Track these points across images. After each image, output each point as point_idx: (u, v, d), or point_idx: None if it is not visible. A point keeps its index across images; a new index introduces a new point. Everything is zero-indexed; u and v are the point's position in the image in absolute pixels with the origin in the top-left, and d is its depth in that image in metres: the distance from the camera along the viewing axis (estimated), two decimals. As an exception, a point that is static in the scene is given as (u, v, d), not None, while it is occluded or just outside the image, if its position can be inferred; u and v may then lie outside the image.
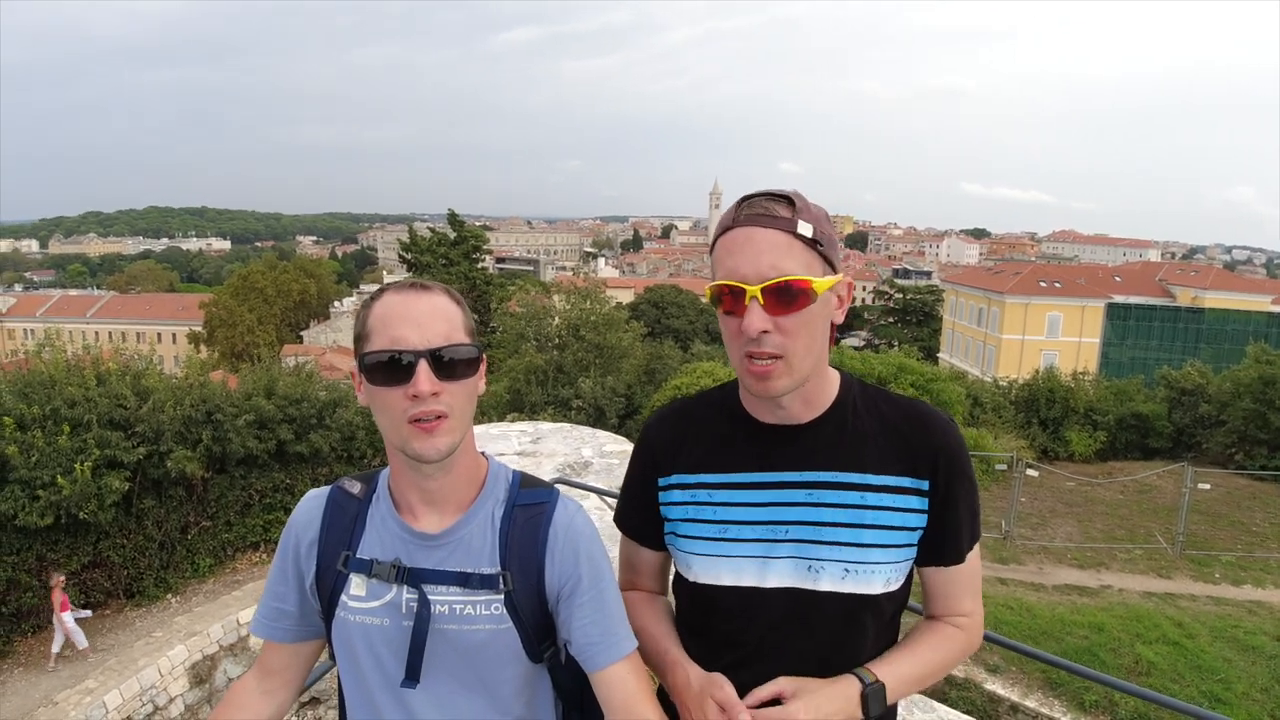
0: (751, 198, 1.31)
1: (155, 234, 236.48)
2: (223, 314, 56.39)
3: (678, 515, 1.46)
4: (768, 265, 1.24)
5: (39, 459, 9.01)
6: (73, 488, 8.93)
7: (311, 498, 1.45)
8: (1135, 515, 16.05)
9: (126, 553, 9.98)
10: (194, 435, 10.34)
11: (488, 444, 7.36)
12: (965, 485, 1.39)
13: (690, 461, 1.46)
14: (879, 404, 1.43)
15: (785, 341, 1.26)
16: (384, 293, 1.30)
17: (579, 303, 23.92)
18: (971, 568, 1.44)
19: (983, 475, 17.61)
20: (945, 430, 1.39)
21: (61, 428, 9.30)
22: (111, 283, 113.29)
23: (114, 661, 7.00)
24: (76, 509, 9.04)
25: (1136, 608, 10.96)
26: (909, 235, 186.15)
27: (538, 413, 19.29)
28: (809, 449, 1.39)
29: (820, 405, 1.40)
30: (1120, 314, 47.60)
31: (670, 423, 1.52)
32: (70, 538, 9.49)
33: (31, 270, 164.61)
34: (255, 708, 1.45)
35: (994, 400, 22.80)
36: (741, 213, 1.30)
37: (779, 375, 1.28)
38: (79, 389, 9.78)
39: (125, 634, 9.54)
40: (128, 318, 77.82)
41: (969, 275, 64.65)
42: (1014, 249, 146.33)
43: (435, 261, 37.13)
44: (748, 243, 1.26)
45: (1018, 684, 8.56)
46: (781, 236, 1.26)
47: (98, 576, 9.86)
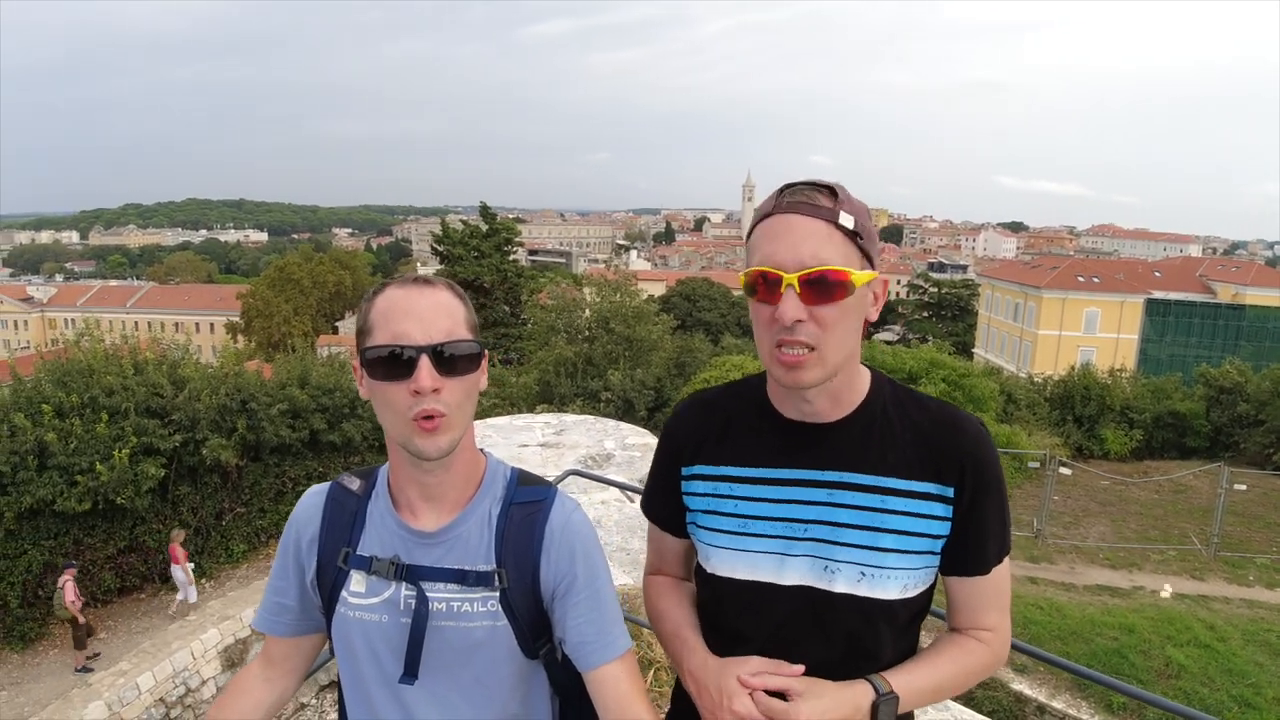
0: (793, 185, 1.29)
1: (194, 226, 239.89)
2: (259, 305, 57.18)
3: (699, 506, 1.45)
4: (807, 254, 1.22)
5: (77, 446, 9.22)
6: (110, 474, 9.12)
7: (312, 494, 1.46)
8: (1169, 516, 15.80)
9: (162, 538, 10.18)
10: (229, 424, 10.52)
11: (512, 434, 7.40)
12: (993, 495, 1.35)
13: (714, 453, 1.45)
14: (909, 407, 1.39)
15: (819, 333, 1.23)
16: (386, 287, 1.30)
17: (609, 295, 23.92)
18: (998, 581, 1.39)
19: (1015, 473, 17.40)
20: (976, 438, 1.35)
21: (99, 415, 9.50)
22: (151, 273, 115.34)
23: (148, 644, 7.14)
24: (114, 495, 9.25)
25: (1168, 609, 10.78)
26: (945, 228, 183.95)
27: (566, 404, 19.32)
28: (833, 449, 1.36)
29: (849, 404, 1.37)
30: (1159, 310, 46.71)
31: (696, 413, 1.51)
32: (107, 523, 9.70)
33: (72, 261, 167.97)
34: (258, 694, 1.49)
35: (1028, 397, 22.52)
36: (783, 200, 1.27)
37: (809, 367, 1.25)
38: (117, 378, 9.98)
39: (159, 617, 9.74)
40: (167, 308, 78.99)
41: (1005, 269, 63.80)
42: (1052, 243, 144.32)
43: (467, 253, 37.24)
44: (787, 230, 1.24)
45: (1045, 684, 8.47)
46: (823, 226, 1.24)
47: (133, 561, 10.08)
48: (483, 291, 36.85)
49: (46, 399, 9.47)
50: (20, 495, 8.91)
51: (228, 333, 56.97)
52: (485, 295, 36.96)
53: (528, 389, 21.39)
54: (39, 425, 9.18)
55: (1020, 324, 50.75)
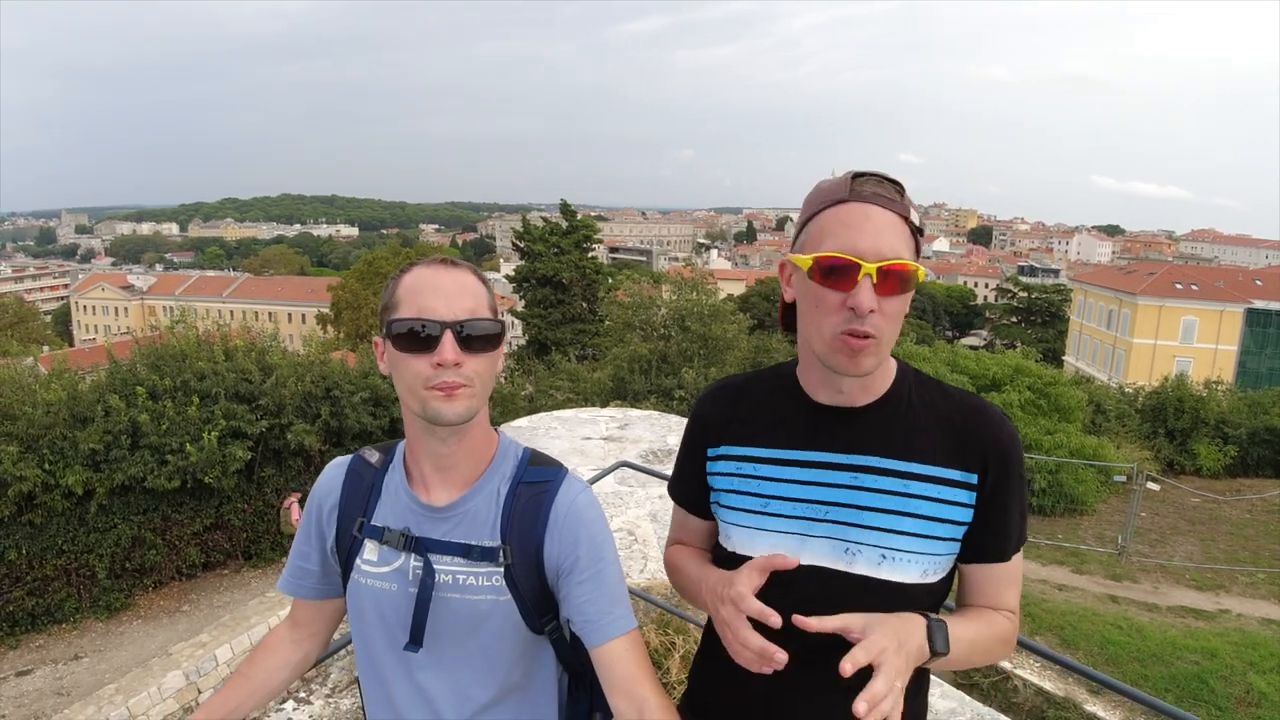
0: (865, 175, 1.31)
1: (288, 220, 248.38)
2: (348, 297, 58.70)
3: (723, 485, 1.48)
4: (886, 246, 1.24)
5: (168, 427, 9.65)
6: (199, 455, 9.53)
7: (334, 465, 1.54)
8: (1261, 537, 15.05)
9: (246, 517, 10.61)
10: (313, 410, 10.88)
11: (576, 427, 7.50)
12: (1016, 484, 1.38)
13: (741, 434, 1.48)
14: (934, 395, 1.42)
15: (883, 324, 1.26)
16: (414, 266, 1.36)
17: (685, 293, 23.90)
18: (1014, 567, 1.42)
19: (1100, 486, 16.84)
20: (1000, 426, 1.37)
21: (191, 399, 9.93)
22: (246, 265, 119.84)
23: (228, 618, 7.45)
24: (202, 474, 9.66)
25: (1253, 634, 10.30)
26: (1036, 231, 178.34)
27: (640, 401, 19.40)
28: (861, 433, 1.38)
29: (877, 390, 1.40)
30: (1260, 320, 44.55)
31: (726, 396, 1.54)
32: (194, 500, 10.14)
33: (172, 252, 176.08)
34: (285, 653, 1.60)
35: (1118, 408, 21.75)
36: (860, 188, 1.29)
37: (870, 353, 1.27)
38: (208, 363, 10.41)
39: (240, 593, 10.14)
40: (260, 298, 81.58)
41: (1099, 274, 61.64)
42: (1149, 248, 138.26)
43: (547, 250, 37.59)
44: (866, 220, 1.26)
45: (1120, 706, 8.20)
46: (898, 220, 1.27)
47: (219, 538, 10.50)
48: (561, 288, 37.15)
49: (141, 381, 9.93)
50: (113, 472, 9.36)
51: (318, 323, 58.65)
52: (564, 291, 37.25)
53: (601, 385, 21.52)
54: (133, 406, 9.62)
55: (1114, 331, 49.02)
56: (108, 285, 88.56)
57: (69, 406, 9.52)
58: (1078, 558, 13.52)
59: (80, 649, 9.13)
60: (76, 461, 9.21)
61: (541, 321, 36.61)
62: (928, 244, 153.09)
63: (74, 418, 9.49)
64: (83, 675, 8.55)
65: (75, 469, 9.14)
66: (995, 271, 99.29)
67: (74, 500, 9.38)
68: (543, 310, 36.86)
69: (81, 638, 9.39)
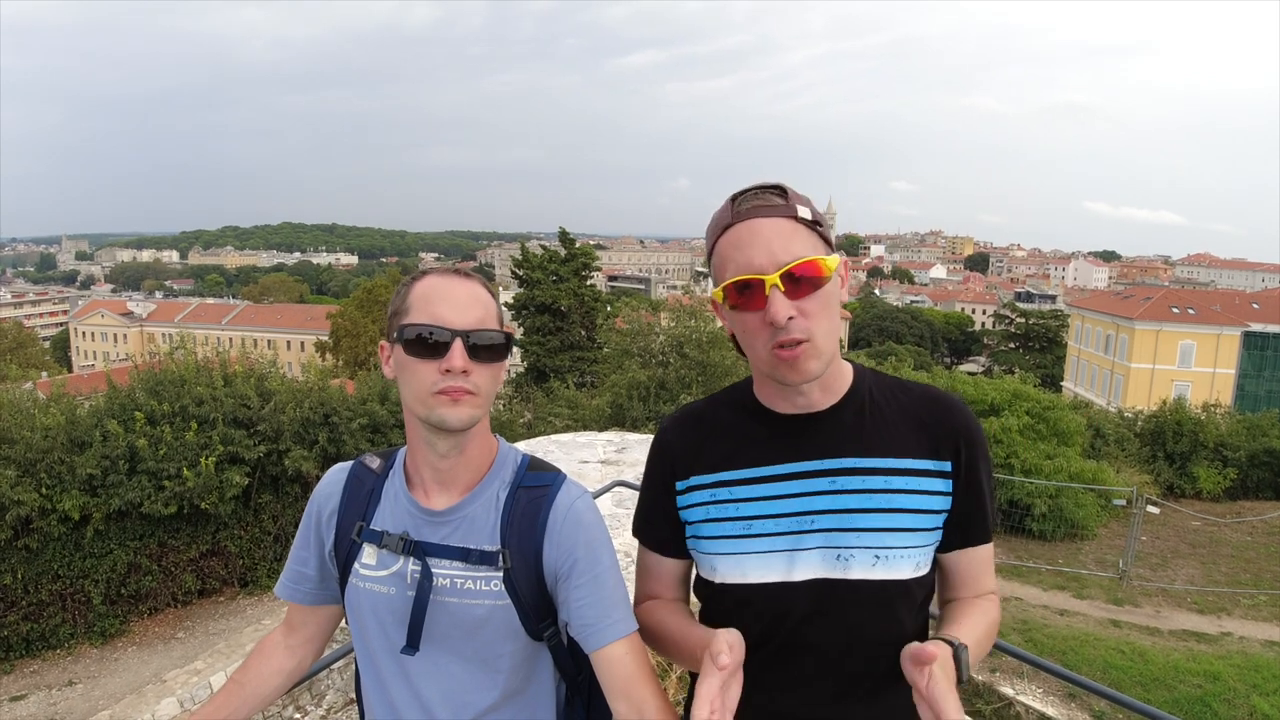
0: (743, 193, 1.33)
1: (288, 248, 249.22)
2: (348, 325, 58.84)
3: (698, 517, 1.44)
4: (781, 251, 1.25)
5: (166, 452, 9.61)
6: (196, 480, 9.49)
7: (336, 470, 1.55)
8: (1262, 559, 14.96)
9: (243, 543, 10.54)
10: (311, 436, 10.84)
11: (575, 451, 7.50)
12: (986, 465, 1.41)
13: (709, 461, 1.44)
14: (894, 390, 1.43)
15: (809, 325, 1.26)
16: (427, 274, 1.39)
17: (684, 320, 23.95)
18: (990, 548, 1.47)
19: (1100, 511, 16.76)
20: (963, 412, 1.41)
21: (189, 424, 9.90)
22: (246, 292, 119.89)
23: (223, 645, 7.41)
24: (199, 500, 9.61)
25: (1256, 657, 10.24)
26: (1033, 257, 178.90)
27: (639, 427, 19.38)
28: (831, 436, 1.38)
29: (837, 391, 1.40)
30: (1258, 343, 44.50)
31: (686, 425, 1.51)
32: (191, 527, 10.08)
33: (172, 279, 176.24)
34: (279, 659, 1.59)
35: (1117, 432, 21.64)
36: (739, 208, 1.31)
37: (808, 358, 1.27)
38: (207, 389, 10.39)
39: (236, 620, 10.06)
40: (260, 326, 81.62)
41: (1096, 300, 61.79)
42: (1145, 273, 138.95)
43: (545, 278, 37.64)
44: (754, 235, 1.27)
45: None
46: (786, 223, 1.28)
47: (214, 564, 10.43)
48: (559, 315, 37.18)
49: (139, 406, 9.92)
50: (110, 497, 9.30)
51: (317, 351, 58.69)
52: (562, 319, 37.27)
53: (600, 411, 21.51)
54: (130, 431, 9.59)
55: (1111, 356, 49.04)
56: (107, 312, 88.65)
57: (67, 431, 9.49)
58: (1079, 582, 13.44)
59: (75, 675, 9.04)
60: (73, 486, 9.16)
61: (540, 349, 36.58)
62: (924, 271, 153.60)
63: (72, 442, 9.46)
64: (77, 701, 8.46)
65: (72, 493, 9.09)
66: (992, 298, 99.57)
67: (70, 525, 9.30)
68: (541, 338, 36.86)
69: (76, 663, 9.29)
